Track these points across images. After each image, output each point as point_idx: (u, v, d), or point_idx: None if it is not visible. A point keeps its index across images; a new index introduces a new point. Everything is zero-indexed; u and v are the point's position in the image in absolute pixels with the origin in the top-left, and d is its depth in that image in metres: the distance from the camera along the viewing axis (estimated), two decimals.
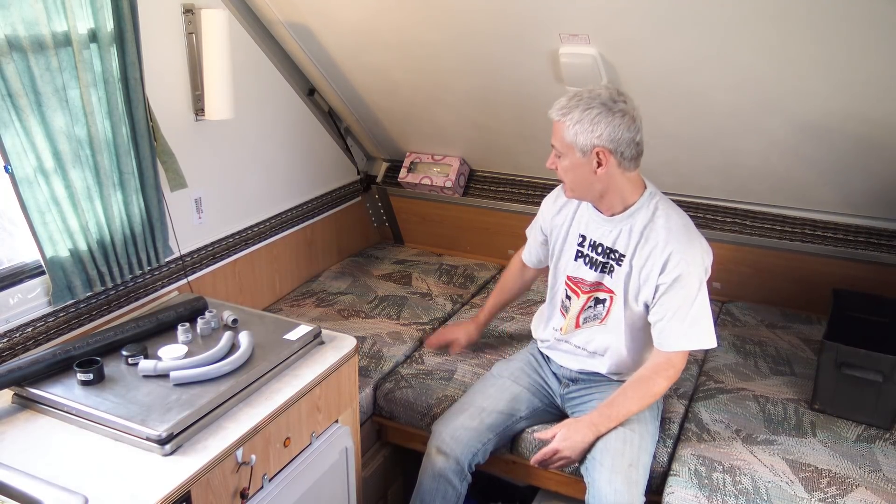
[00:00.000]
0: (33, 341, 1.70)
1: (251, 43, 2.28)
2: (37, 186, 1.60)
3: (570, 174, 1.63)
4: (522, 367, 1.93)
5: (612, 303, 1.73)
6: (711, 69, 1.85)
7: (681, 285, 1.61)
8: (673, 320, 1.63)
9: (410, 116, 2.63)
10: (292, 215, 2.59)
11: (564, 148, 1.60)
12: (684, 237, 1.63)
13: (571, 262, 1.80)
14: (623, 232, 1.68)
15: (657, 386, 1.66)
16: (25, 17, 1.50)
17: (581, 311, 1.79)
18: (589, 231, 1.75)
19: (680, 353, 1.66)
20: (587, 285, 1.77)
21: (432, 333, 2.23)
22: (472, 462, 1.75)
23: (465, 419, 1.77)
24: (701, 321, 1.63)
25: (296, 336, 1.66)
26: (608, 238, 1.71)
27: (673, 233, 1.62)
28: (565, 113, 1.57)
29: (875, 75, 1.68)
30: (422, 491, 1.76)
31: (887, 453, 1.71)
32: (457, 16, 2.01)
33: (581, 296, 1.78)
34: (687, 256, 1.61)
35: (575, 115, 1.56)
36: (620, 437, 1.65)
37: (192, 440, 1.34)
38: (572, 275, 1.80)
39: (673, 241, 1.61)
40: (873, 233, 2.22)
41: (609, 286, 1.73)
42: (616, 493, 1.55)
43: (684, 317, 1.62)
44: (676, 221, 1.64)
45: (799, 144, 2.01)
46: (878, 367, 1.76)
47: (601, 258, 1.73)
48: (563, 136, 1.58)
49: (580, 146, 1.58)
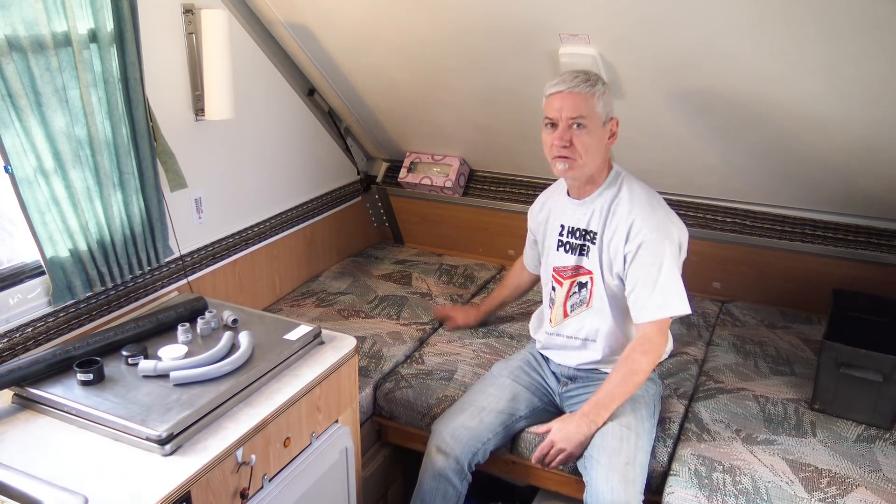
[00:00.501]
0: (33, 341, 1.70)
1: (251, 43, 2.28)
2: (37, 186, 1.60)
3: (591, 145, 1.67)
4: (522, 366, 1.94)
5: (592, 283, 1.78)
6: (711, 69, 1.85)
7: (646, 251, 1.66)
8: (642, 290, 1.67)
9: (410, 116, 2.63)
10: (292, 215, 2.59)
11: (591, 116, 1.65)
12: (647, 206, 1.70)
13: (554, 252, 1.85)
14: (595, 211, 1.75)
15: (636, 363, 1.67)
16: (25, 17, 1.50)
17: (566, 298, 1.82)
18: (566, 219, 1.82)
19: (654, 324, 1.68)
20: (569, 271, 1.81)
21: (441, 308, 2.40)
22: (472, 461, 1.75)
23: (464, 418, 1.78)
24: (669, 288, 1.66)
25: (296, 336, 1.66)
26: (582, 220, 1.78)
27: (636, 203, 1.70)
28: (592, 84, 1.65)
29: (875, 76, 1.68)
30: (422, 490, 1.77)
31: (887, 453, 1.71)
32: (457, 16, 2.01)
33: (564, 283, 1.82)
34: (649, 223, 1.67)
35: (599, 86, 1.66)
36: (617, 436, 1.65)
37: (192, 440, 1.34)
38: (556, 265, 1.85)
39: (636, 209, 1.69)
40: (873, 233, 2.22)
41: (587, 267, 1.78)
42: (613, 491, 1.55)
43: (653, 285, 1.66)
44: (639, 193, 1.72)
45: (799, 144, 2.01)
46: (878, 367, 1.76)
47: (578, 241, 1.79)
48: (593, 105, 1.65)
49: (604, 116, 1.68)
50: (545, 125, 1.70)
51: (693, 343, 2.24)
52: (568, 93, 1.65)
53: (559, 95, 1.66)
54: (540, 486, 1.93)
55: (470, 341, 2.25)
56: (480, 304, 2.33)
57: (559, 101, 1.66)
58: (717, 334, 2.30)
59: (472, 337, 2.28)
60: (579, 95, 1.64)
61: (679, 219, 1.76)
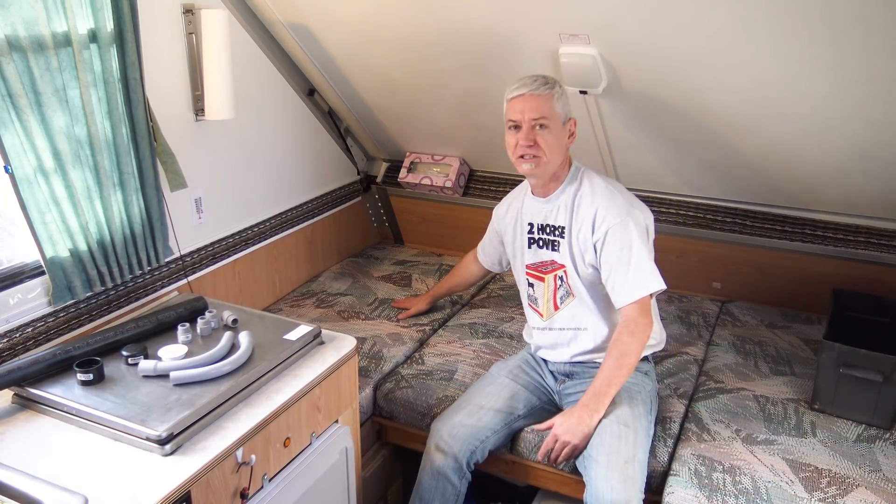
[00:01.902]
0: (33, 341, 1.70)
1: (251, 43, 2.28)
2: (37, 186, 1.60)
3: (554, 143, 1.74)
4: (520, 365, 1.95)
5: (567, 276, 1.84)
6: (712, 69, 1.85)
7: (613, 237, 1.72)
8: (617, 274, 1.72)
9: (410, 116, 2.63)
10: (292, 215, 2.59)
11: (553, 117, 1.73)
12: (607, 194, 1.76)
13: (526, 251, 1.90)
14: (560, 207, 1.82)
15: (625, 345, 1.70)
16: (25, 17, 1.50)
17: (555, 292, 1.86)
18: (534, 217, 1.88)
19: (635, 305, 1.71)
20: (546, 265, 1.86)
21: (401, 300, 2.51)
22: (470, 460, 1.75)
23: (463, 417, 1.79)
24: (641, 266, 1.71)
25: (296, 336, 1.66)
26: (550, 217, 1.84)
27: (597, 193, 1.77)
28: (551, 87, 1.73)
29: (875, 76, 1.68)
30: (421, 489, 1.77)
31: (887, 453, 1.71)
32: (457, 16, 2.01)
33: (546, 277, 1.87)
34: (611, 209, 1.73)
35: (557, 89, 1.75)
36: (616, 434, 1.65)
37: (192, 440, 1.34)
38: (530, 262, 1.90)
39: (598, 199, 1.76)
40: (873, 233, 2.22)
41: (559, 261, 1.84)
42: (613, 490, 1.56)
43: (626, 267, 1.71)
44: (599, 183, 1.79)
45: (799, 144, 2.01)
46: (878, 367, 1.76)
47: (548, 237, 1.85)
48: (552, 106, 1.72)
49: (563, 116, 1.75)
50: (508, 128, 1.77)
51: (693, 343, 2.24)
52: (529, 95, 1.71)
53: (521, 98, 1.72)
54: (540, 486, 1.93)
55: (470, 342, 2.25)
56: (432, 289, 2.46)
57: (521, 104, 1.72)
58: (717, 334, 2.30)
59: (472, 337, 2.28)
60: (541, 97, 1.71)
61: (643, 204, 1.82)
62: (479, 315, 2.44)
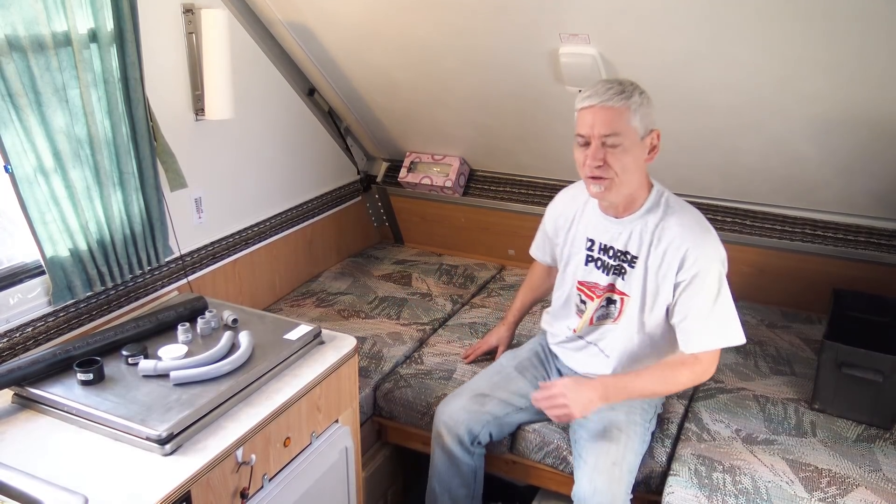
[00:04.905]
0: (33, 341, 1.70)
1: (251, 43, 2.28)
2: (37, 186, 1.60)
3: (629, 162, 1.54)
4: (530, 358, 1.93)
5: (623, 304, 1.70)
6: (712, 69, 1.85)
7: (700, 283, 1.57)
8: (696, 320, 1.58)
9: (410, 116, 2.63)
10: (292, 215, 2.59)
11: (626, 133, 1.52)
12: (699, 233, 1.59)
13: (582, 266, 1.76)
14: (634, 233, 1.64)
15: (682, 376, 1.61)
16: (25, 16, 1.50)
17: (595, 311, 1.77)
18: (598, 234, 1.72)
19: (707, 351, 1.60)
20: (600, 289, 1.74)
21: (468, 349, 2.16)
22: (475, 440, 1.78)
23: (466, 402, 1.81)
24: (726, 317, 1.59)
25: (296, 336, 1.66)
26: (619, 241, 1.67)
27: (687, 229, 1.59)
28: (627, 96, 1.51)
29: (875, 76, 1.68)
30: (437, 472, 1.83)
31: (887, 453, 1.71)
32: (457, 16, 2.01)
33: (595, 299, 1.76)
34: (704, 252, 1.57)
35: (636, 98, 1.52)
36: (607, 436, 1.65)
37: (192, 440, 1.34)
38: (583, 279, 1.77)
39: (689, 238, 1.58)
40: (873, 233, 2.22)
41: (622, 289, 1.69)
42: (596, 491, 1.56)
43: (708, 315, 1.58)
44: (689, 219, 1.61)
45: (799, 144, 2.01)
46: (878, 367, 1.76)
47: (613, 261, 1.69)
48: (628, 119, 1.51)
49: (643, 130, 1.54)
50: (577, 143, 1.58)
51: None
52: (600, 107, 1.51)
53: (591, 110, 1.52)
54: (540, 486, 1.93)
55: (470, 341, 2.25)
56: (507, 315, 2.13)
57: (591, 117, 1.52)
58: None
59: (472, 337, 2.28)
60: (613, 110, 1.50)
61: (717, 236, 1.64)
62: (479, 315, 2.44)
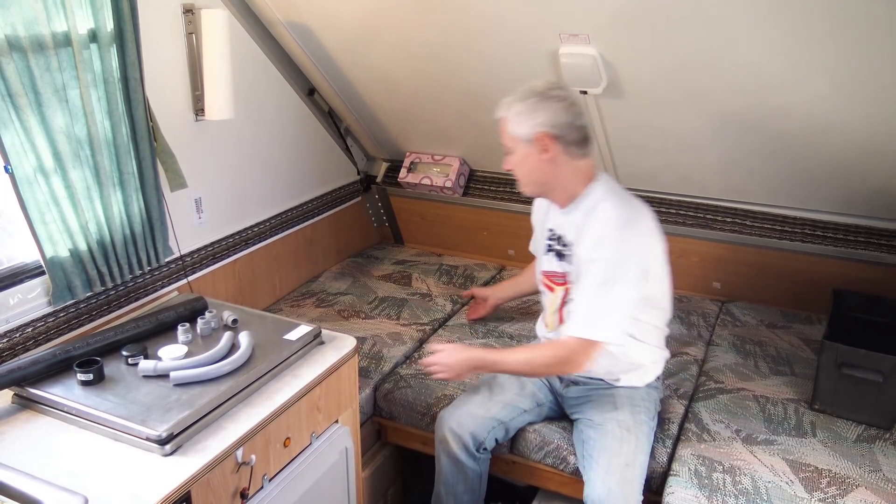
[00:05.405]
0: (33, 341, 1.70)
1: (251, 43, 2.28)
2: (37, 186, 1.60)
3: (521, 167, 1.68)
4: None
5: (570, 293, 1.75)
6: (712, 69, 1.85)
7: (593, 268, 1.60)
8: (576, 303, 1.64)
9: (410, 116, 2.63)
10: (292, 215, 2.59)
11: (513, 142, 1.65)
12: (616, 226, 1.60)
13: (544, 255, 1.84)
14: (574, 223, 1.71)
15: (542, 357, 1.67)
16: (25, 17, 1.50)
17: (562, 305, 1.80)
18: (555, 225, 1.80)
19: (577, 339, 1.60)
20: (558, 277, 1.80)
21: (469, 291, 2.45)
22: (481, 445, 1.78)
23: (472, 406, 1.82)
24: (603, 311, 1.59)
25: (296, 336, 1.66)
26: (565, 229, 1.75)
27: (606, 220, 1.61)
28: (508, 107, 1.64)
29: (875, 77, 1.68)
30: (444, 477, 1.83)
31: (887, 453, 1.71)
32: (457, 16, 2.01)
33: (555, 289, 1.80)
34: (610, 243, 1.58)
35: (515, 107, 1.63)
36: (617, 437, 1.65)
37: (192, 440, 1.34)
38: (545, 269, 1.84)
39: (600, 227, 1.61)
40: (873, 233, 2.22)
41: (570, 278, 1.76)
42: (611, 492, 1.56)
43: (587, 302, 1.61)
44: (616, 212, 1.62)
45: (799, 144, 2.01)
46: (878, 367, 1.75)
47: (563, 249, 1.77)
48: (510, 129, 1.64)
49: (525, 136, 1.63)
50: None
51: (693, 343, 2.24)
52: (499, 119, 1.67)
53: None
54: (540, 486, 1.93)
55: (470, 342, 2.25)
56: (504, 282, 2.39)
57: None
58: (717, 334, 2.30)
59: (472, 337, 2.28)
60: (503, 120, 1.66)
61: (658, 237, 1.66)
62: None
